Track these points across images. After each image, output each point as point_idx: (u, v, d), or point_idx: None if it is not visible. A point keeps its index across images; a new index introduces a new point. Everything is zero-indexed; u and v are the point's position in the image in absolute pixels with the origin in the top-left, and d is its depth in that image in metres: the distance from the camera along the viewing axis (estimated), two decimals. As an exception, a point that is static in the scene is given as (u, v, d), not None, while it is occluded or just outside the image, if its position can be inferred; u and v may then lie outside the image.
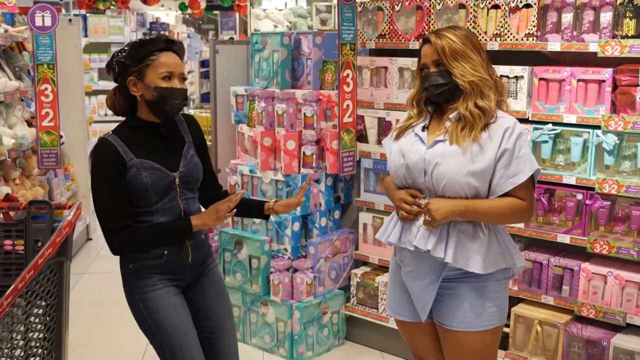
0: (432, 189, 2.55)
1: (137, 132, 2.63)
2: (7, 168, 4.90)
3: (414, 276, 2.66)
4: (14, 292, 2.35)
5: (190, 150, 2.70)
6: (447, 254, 2.52)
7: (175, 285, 2.69)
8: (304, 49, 4.35)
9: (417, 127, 2.65)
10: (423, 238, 2.55)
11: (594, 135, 3.33)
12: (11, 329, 2.51)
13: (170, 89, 2.56)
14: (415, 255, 2.62)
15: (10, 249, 2.79)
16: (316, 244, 4.12)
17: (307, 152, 4.18)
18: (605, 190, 3.27)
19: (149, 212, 2.60)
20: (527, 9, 3.48)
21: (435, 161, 2.51)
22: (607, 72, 3.29)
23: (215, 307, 2.78)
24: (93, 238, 6.83)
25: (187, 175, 2.66)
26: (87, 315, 4.86)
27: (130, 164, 2.55)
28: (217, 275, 2.85)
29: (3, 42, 4.93)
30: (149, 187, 2.56)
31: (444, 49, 2.53)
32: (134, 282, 2.68)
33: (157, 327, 2.63)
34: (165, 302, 2.63)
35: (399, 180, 2.64)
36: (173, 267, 2.66)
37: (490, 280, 2.59)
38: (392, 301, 2.82)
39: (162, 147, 2.64)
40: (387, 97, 4.04)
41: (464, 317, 2.60)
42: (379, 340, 4.25)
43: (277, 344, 4.18)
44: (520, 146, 2.52)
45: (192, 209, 2.70)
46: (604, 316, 3.37)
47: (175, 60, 2.59)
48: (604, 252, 3.32)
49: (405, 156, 2.60)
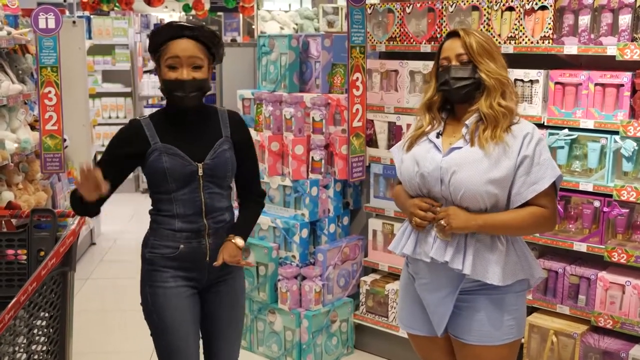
0: (449, 198, 2.44)
1: (169, 118, 2.58)
2: (10, 173, 4.82)
3: (429, 289, 2.56)
4: (16, 305, 2.27)
5: (224, 145, 2.60)
6: (465, 266, 2.42)
7: (189, 285, 2.61)
8: (312, 52, 4.27)
9: (431, 133, 2.55)
10: (440, 249, 2.45)
11: (612, 141, 3.24)
12: (13, 342, 2.43)
13: (175, 81, 2.48)
14: (431, 267, 2.52)
15: (12, 258, 2.72)
16: (325, 251, 4.04)
17: (315, 157, 4.10)
18: (623, 198, 3.19)
19: (169, 199, 2.54)
20: (543, 11, 3.39)
21: (452, 169, 2.42)
22: (625, 76, 3.20)
23: (224, 318, 2.71)
24: (97, 242, 6.76)
25: (212, 168, 2.56)
26: (91, 322, 4.78)
27: (153, 147, 2.51)
28: (239, 285, 2.75)
29: (6, 44, 4.86)
30: (167, 172, 2.50)
31: (472, 44, 2.45)
32: (148, 271, 2.63)
33: (159, 323, 2.60)
34: (173, 301, 2.58)
35: (413, 189, 2.54)
36: (188, 263, 2.58)
37: (509, 293, 2.50)
38: (405, 314, 2.73)
39: (192, 136, 2.57)
40: (398, 101, 3.95)
41: (482, 330, 2.51)
42: (389, 349, 4.16)
43: (284, 353, 4.09)
44: (541, 152, 2.43)
45: (216, 205, 2.59)
46: (621, 327, 3.28)
47: (184, 46, 2.47)
48: (622, 261, 3.23)
49: (420, 164, 2.50)
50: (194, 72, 2.49)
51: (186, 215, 2.55)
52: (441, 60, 2.53)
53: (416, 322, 2.68)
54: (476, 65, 2.46)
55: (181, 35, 2.49)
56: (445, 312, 2.54)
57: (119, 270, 6.01)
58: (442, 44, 2.55)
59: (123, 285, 5.61)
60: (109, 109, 8.90)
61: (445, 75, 2.49)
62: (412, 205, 2.51)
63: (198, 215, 2.56)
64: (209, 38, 2.54)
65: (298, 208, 4.09)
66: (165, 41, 2.49)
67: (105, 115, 8.86)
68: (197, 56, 2.49)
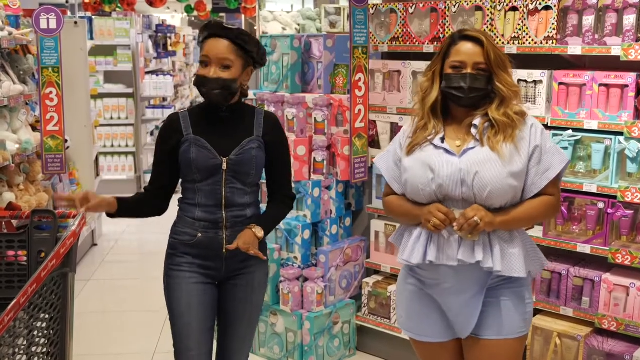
0: (472, 199, 2.41)
1: (204, 112, 2.70)
2: (11, 173, 4.81)
3: (454, 292, 2.51)
4: (15, 306, 2.25)
5: (253, 143, 2.67)
6: (496, 263, 2.42)
7: (205, 274, 2.69)
8: (314, 52, 4.25)
9: (434, 139, 2.49)
10: (467, 251, 2.42)
11: (616, 142, 3.22)
12: (13, 344, 2.41)
13: (201, 78, 2.59)
14: (457, 270, 2.46)
15: (12, 260, 2.70)
16: (327, 252, 4.02)
17: (317, 158, 4.08)
18: (627, 199, 3.17)
19: (193, 189, 2.67)
20: (547, 11, 3.37)
21: (474, 170, 2.39)
22: (630, 76, 3.18)
23: (237, 312, 2.76)
24: (98, 243, 6.74)
25: (236, 164, 2.64)
26: (92, 323, 4.76)
27: (185, 138, 2.64)
28: (257, 280, 2.78)
29: (7, 45, 4.84)
30: (193, 163, 2.62)
31: (491, 54, 2.44)
32: (169, 255, 2.75)
33: (169, 305, 2.73)
34: (183, 286, 2.68)
35: (427, 196, 2.46)
36: (205, 253, 2.68)
37: (525, 284, 2.55)
38: (415, 323, 2.65)
39: (222, 132, 2.67)
40: (400, 101, 3.93)
41: (505, 324, 2.52)
42: (391, 351, 4.14)
43: (286, 354, 4.08)
44: (546, 140, 2.48)
45: (236, 200, 2.67)
46: (626, 329, 3.26)
47: (216, 45, 2.58)
48: (626, 263, 3.21)
49: (435, 170, 2.43)
50: (222, 71, 2.58)
51: (207, 205, 2.65)
52: (452, 61, 2.47)
53: (429, 329, 2.62)
54: (492, 75, 2.45)
55: (216, 35, 2.59)
56: (473, 312, 2.52)
57: (121, 271, 6.00)
58: (453, 44, 2.49)
59: (124, 286, 5.60)
60: (111, 110, 8.87)
61: (460, 82, 2.44)
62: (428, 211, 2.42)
63: (217, 207, 2.65)
64: (244, 41, 2.61)
65: (300, 209, 4.07)
66: (205, 38, 2.61)
67: (107, 116, 8.84)
68: (227, 57, 2.58)
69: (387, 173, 2.63)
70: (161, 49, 10.35)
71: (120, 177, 8.93)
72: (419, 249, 2.50)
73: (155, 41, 10.34)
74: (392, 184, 2.61)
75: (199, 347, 2.71)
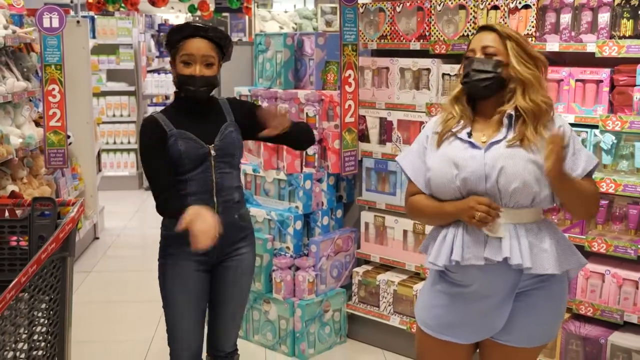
0: (498, 194, 2.35)
1: (179, 109, 2.84)
2: (14, 167, 4.97)
3: (482, 295, 2.44)
4: (16, 285, 2.40)
5: (229, 127, 2.85)
6: (525, 259, 2.33)
7: (198, 261, 2.82)
8: (306, 50, 4.40)
9: (461, 133, 2.45)
10: (494, 248, 2.35)
11: (592, 134, 3.36)
12: (15, 322, 2.56)
13: (187, 77, 2.73)
14: (484, 271, 2.39)
15: (14, 244, 2.85)
16: (318, 243, 4.17)
17: (309, 152, 4.23)
18: (602, 190, 3.30)
19: (184, 180, 2.78)
20: (526, 9, 3.51)
21: (499, 164, 2.34)
22: (604, 72, 3.32)
23: (227, 294, 2.92)
24: (100, 237, 6.90)
25: (222, 149, 2.80)
26: (93, 312, 4.92)
27: (170, 134, 2.75)
28: (246, 262, 2.94)
29: (11, 43, 5.00)
30: (183, 155, 2.75)
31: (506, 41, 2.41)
32: (162, 248, 2.88)
33: (164, 292, 2.88)
34: (177, 273, 2.83)
35: (450, 193, 2.41)
36: None
37: (561, 286, 2.49)
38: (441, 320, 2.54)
39: (201, 123, 2.82)
40: (389, 97, 4.08)
41: (536, 334, 2.48)
42: (380, 338, 4.29)
43: (279, 341, 4.23)
44: (574, 142, 2.43)
45: (225, 184, 2.83)
46: (601, 314, 3.40)
47: (198, 45, 2.72)
48: (601, 251, 3.35)
49: (459, 166, 2.38)
50: (205, 69, 2.74)
51: (198, 193, 2.78)
52: (467, 52, 2.48)
53: (453, 330, 2.53)
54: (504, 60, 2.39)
55: (196, 35, 2.73)
56: (501, 316, 2.44)
57: (122, 264, 6.15)
58: (472, 40, 2.50)
59: (125, 277, 5.75)
60: (113, 108, 9.05)
61: (467, 68, 2.43)
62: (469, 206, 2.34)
63: (209, 194, 2.79)
64: (221, 38, 2.78)
65: (292, 201, 4.22)
66: (182, 39, 2.74)
67: (109, 114, 9.01)
68: (210, 55, 2.75)
69: (412, 172, 2.55)
70: (163, 48, 10.50)
71: (122, 173, 9.11)
72: (445, 250, 2.44)
73: (157, 40, 10.51)
74: (419, 182, 2.52)
75: (193, 330, 2.87)
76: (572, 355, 3.49)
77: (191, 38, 2.73)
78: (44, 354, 2.74)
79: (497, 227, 2.36)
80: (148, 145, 2.78)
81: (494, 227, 2.36)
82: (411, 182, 2.57)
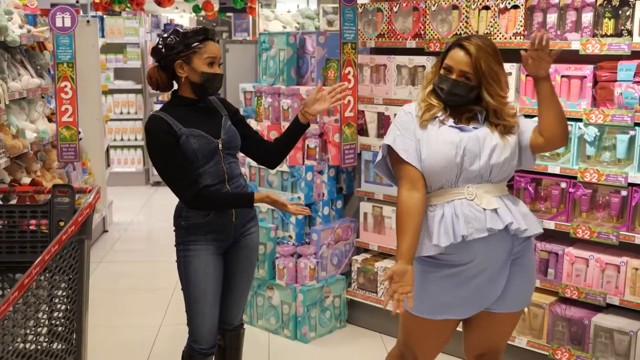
0: (489, 170, 2.60)
1: (180, 108, 3.02)
2: (29, 160, 5.18)
3: (481, 269, 2.62)
4: (41, 262, 2.62)
5: (228, 121, 3.09)
6: (521, 223, 2.58)
7: (216, 245, 3.05)
8: (308, 48, 4.60)
9: (447, 120, 2.66)
10: (493, 219, 2.57)
11: (577, 127, 3.56)
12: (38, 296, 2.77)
13: (214, 74, 2.97)
14: (486, 242, 2.58)
15: (35, 228, 3.06)
16: (319, 231, 4.38)
17: (310, 145, 4.44)
18: (587, 179, 3.50)
19: (197, 174, 2.97)
20: (515, 9, 3.72)
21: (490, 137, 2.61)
22: (588, 68, 3.52)
23: (239, 270, 3.17)
24: (109, 230, 7.11)
25: (228, 142, 3.04)
26: (103, 300, 5.11)
27: (180, 133, 2.93)
28: (254, 240, 3.21)
29: (26, 41, 5.21)
30: (197, 152, 2.95)
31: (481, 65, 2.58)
32: (182, 235, 3.05)
33: (185, 277, 3.06)
34: (199, 258, 3.02)
35: (445, 175, 2.61)
36: (217, 226, 3.02)
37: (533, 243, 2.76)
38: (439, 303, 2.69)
39: (204, 119, 3.03)
40: (386, 93, 4.29)
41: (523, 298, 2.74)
42: (378, 322, 4.49)
43: (282, 325, 4.44)
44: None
45: (234, 172, 3.07)
46: (585, 297, 3.60)
47: (216, 49, 3.01)
48: (585, 237, 3.55)
49: (458, 145, 2.59)
50: (219, 69, 3.02)
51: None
52: (445, 64, 2.64)
53: (455, 307, 2.69)
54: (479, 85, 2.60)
55: (212, 39, 3.01)
56: (499, 285, 2.64)
57: (130, 255, 6.37)
58: (451, 49, 2.66)
59: (134, 268, 5.96)
60: (121, 105, 9.26)
61: (443, 84, 2.63)
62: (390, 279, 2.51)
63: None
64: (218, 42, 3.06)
65: (294, 192, 4.43)
66: (201, 41, 2.96)
67: (117, 111, 9.22)
68: (220, 56, 3.04)
69: (406, 154, 2.65)
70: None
71: (130, 169, 9.32)
72: (444, 230, 2.57)
73: (164, 40, 10.69)
74: (415, 163, 2.64)
75: (212, 311, 3.07)
76: (558, 335, 3.69)
77: (211, 41, 2.97)
78: (64, 330, 2.96)
79: (490, 200, 2.60)
80: (166, 144, 2.91)
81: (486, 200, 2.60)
82: (405, 165, 2.65)
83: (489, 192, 2.63)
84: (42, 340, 2.86)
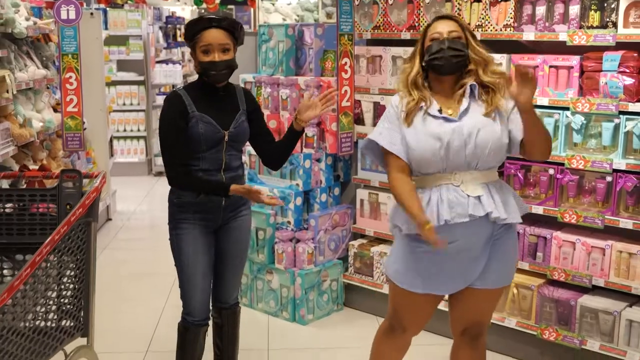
0: (475, 162, 2.71)
1: (201, 91, 3.14)
2: (35, 149, 5.32)
3: (464, 249, 2.75)
4: (51, 242, 2.77)
5: (242, 116, 3.20)
6: (501, 212, 2.71)
7: (205, 224, 3.20)
8: (306, 40, 4.73)
9: (431, 109, 2.74)
10: (477, 205, 2.70)
11: (564, 116, 3.70)
12: (48, 274, 2.91)
13: (209, 63, 3.04)
14: (467, 226, 2.72)
15: (45, 211, 3.21)
16: (317, 217, 4.52)
17: (308, 134, 4.58)
18: (573, 166, 3.64)
19: (197, 157, 3.11)
20: (506, 2, 3.85)
21: (475, 129, 2.68)
22: (575, 59, 3.66)
23: (231, 251, 3.31)
24: (113, 219, 7.26)
25: (235, 135, 3.15)
26: (107, 285, 5.20)
27: (192, 115, 3.06)
28: (246, 222, 3.34)
29: (32, 33, 5.34)
30: (202, 137, 3.07)
31: (464, 25, 2.78)
32: (174, 213, 3.21)
33: (177, 252, 3.23)
34: (189, 234, 3.18)
35: (434, 165, 2.72)
36: (207, 206, 3.16)
37: (515, 232, 2.90)
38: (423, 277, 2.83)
39: (219, 108, 3.15)
40: (382, 83, 4.42)
41: (504, 274, 2.87)
42: (374, 305, 4.64)
43: (280, 308, 4.59)
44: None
45: (232, 164, 3.18)
46: (572, 279, 3.74)
47: (215, 35, 3.05)
48: (572, 222, 3.69)
49: (442, 138, 2.69)
50: (223, 54, 3.07)
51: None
52: (431, 35, 2.75)
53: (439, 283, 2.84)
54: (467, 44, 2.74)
55: (211, 26, 3.06)
56: (479, 264, 2.79)
57: (133, 243, 6.51)
58: (429, 26, 2.80)
59: (136, 255, 6.10)
60: (124, 97, 9.38)
61: (439, 45, 2.70)
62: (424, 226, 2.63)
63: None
64: (232, 26, 3.11)
65: (293, 179, 4.57)
66: (198, 31, 3.06)
67: (120, 103, 9.34)
68: (225, 42, 3.08)
69: (391, 147, 2.79)
70: (171, 40, 10.82)
71: (132, 159, 9.45)
72: (431, 213, 2.72)
73: (165, 32, 10.83)
74: (401, 155, 2.78)
75: (203, 283, 3.23)
76: (546, 316, 3.84)
77: (208, 29, 3.04)
78: (72, 308, 3.11)
79: (476, 188, 2.72)
80: (172, 117, 3.07)
81: (472, 187, 2.72)
82: (392, 156, 2.81)
83: (476, 179, 2.75)
84: (52, 317, 3.01)
